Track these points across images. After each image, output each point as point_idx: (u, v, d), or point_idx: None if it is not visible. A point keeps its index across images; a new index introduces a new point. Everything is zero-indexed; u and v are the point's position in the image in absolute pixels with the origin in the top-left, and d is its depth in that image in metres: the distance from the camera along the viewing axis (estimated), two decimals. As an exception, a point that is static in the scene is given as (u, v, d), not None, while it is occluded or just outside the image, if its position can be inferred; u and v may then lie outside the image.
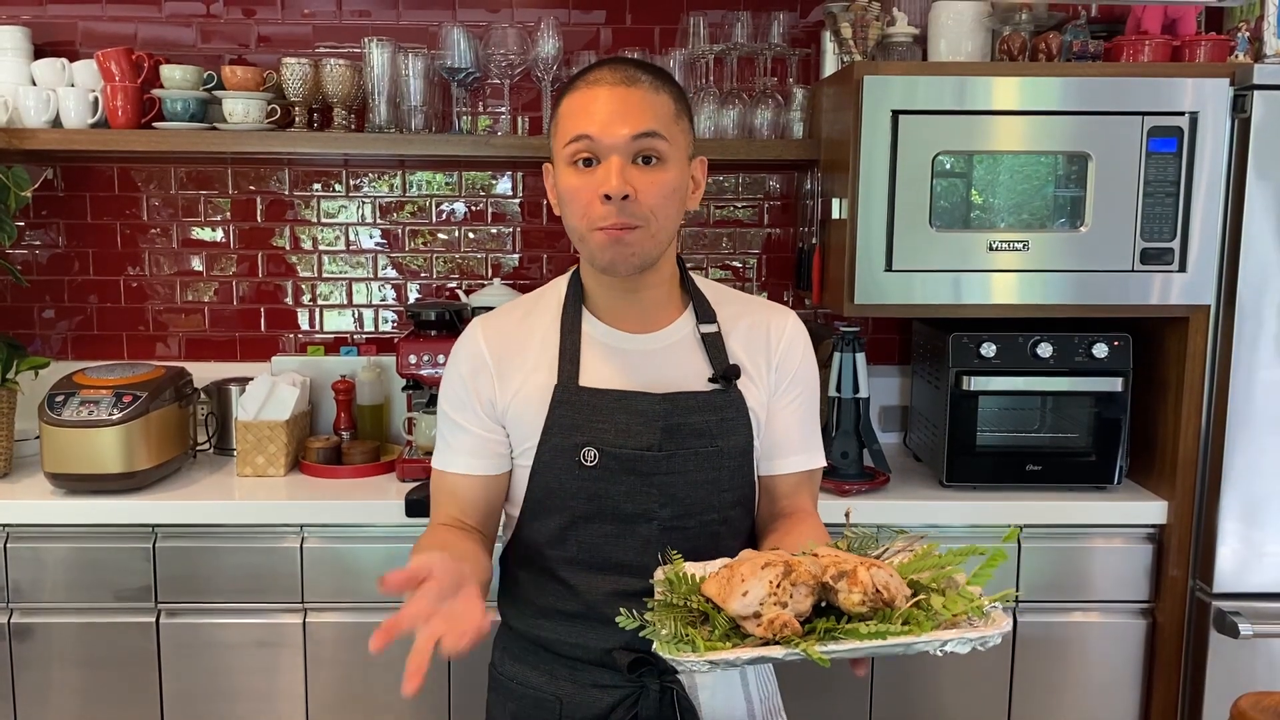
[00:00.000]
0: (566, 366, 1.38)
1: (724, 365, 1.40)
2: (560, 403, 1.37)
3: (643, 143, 1.30)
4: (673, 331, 1.43)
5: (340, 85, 2.44)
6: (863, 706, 2.28)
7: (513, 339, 1.43)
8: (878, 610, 1.09)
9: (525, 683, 1.44)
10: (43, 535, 2.19)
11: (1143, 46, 2.24)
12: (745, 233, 2.81)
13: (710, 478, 1.38)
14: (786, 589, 1.08)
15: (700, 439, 1.37)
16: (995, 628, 1.07)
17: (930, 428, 2.47)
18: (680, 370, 1.40)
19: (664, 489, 1.36)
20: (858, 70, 2.14)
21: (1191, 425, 2.22)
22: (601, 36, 2.71)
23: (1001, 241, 2.18)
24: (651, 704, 1.36)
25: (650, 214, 1.31)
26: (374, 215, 2.77)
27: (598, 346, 1.41)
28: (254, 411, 2.39)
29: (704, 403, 1.38)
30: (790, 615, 1.07)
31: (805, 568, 1.10)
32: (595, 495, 1.35)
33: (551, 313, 1.44)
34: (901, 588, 1.11)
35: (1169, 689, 2.27)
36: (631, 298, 1.41)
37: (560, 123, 1.34)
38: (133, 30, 2.66)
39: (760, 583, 1.09)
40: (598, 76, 1.33)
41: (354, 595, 2.22)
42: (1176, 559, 2.23)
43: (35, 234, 2.72)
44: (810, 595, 1.10)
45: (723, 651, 1.06)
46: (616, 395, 1.37)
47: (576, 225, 1.34)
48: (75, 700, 2.23)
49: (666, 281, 1.43)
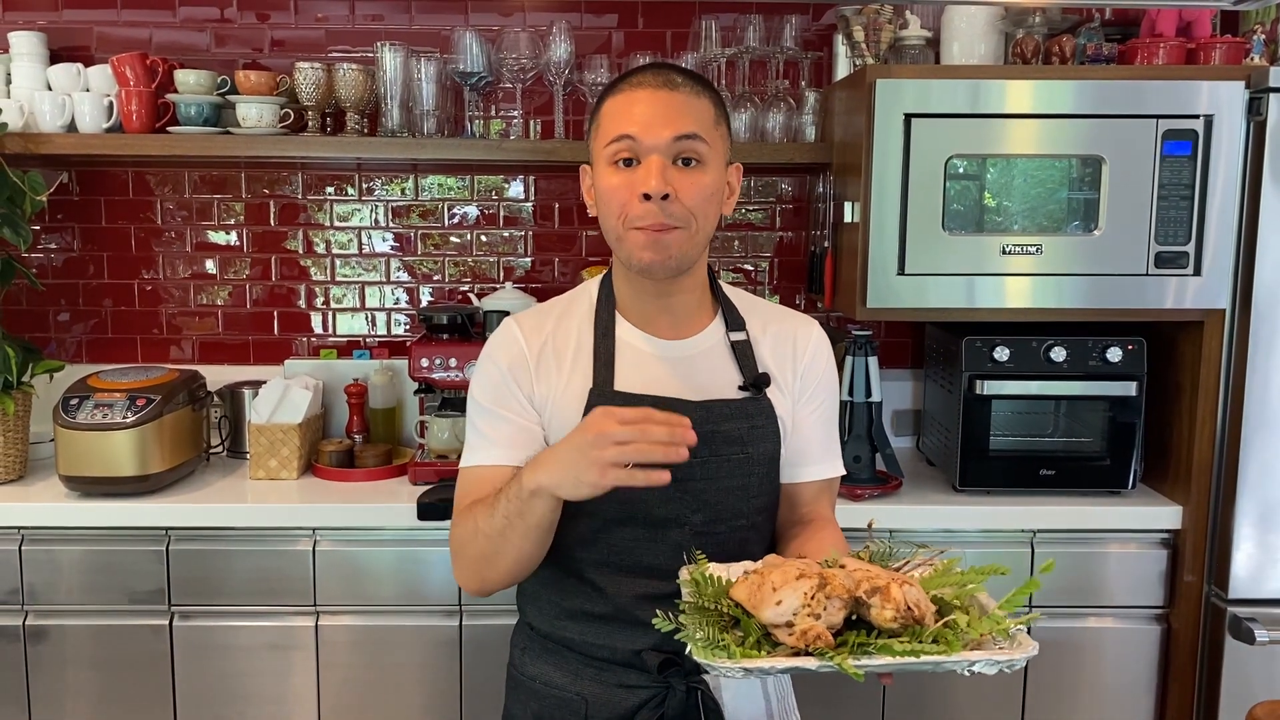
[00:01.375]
0: (601, 370, 1.39)
1: (755, 373, 1.42)
2: (595, 406, 1.36)
3: (683, 144, 1.32)
4: (705, 338, 1.44)
5: (353, 89, 2.45)
6: (875, 711, 2.27)
7: (548, 340, 1.43)
8: (908, 627, 1.10)
9: (549, 683, 1.44)
10: (57, 538, 2.20)
11: (1157, 49, 2.23)
12: (757, 236, 2.81)
13: (741, 484, 1.40)
14: (821, 601, 1.10)
15: (732, 446, 1.39)
16: (1022, 651, 1.10)
17: (943, 432, 2.46)
18: (712, 377, 1.41)
19: (697, 495, 1.37)
20: (870, 73, 2.14)
21: (1206, 430, 2.20)
22: (613, 40, 2.71)
23: (1015, 245, 2.17)
24: (677, 704, 1.36)
25: (690, 215, 1.33)
26: (386, 219, 2.78)
27: (632, 351, 1.41)
28: (267, 415, 2.40)
29: (736, 410, 1.40)
30: (823, 627, 1.09)
31: (840, 581, 1.11)
32: (628, 499, 1.35)
33: (584, 316, 1.44)
34: (929, 605, 1.12)
35: (1183, 695, 2.25)
36: (664, 302, 1.41)
37: (601, 123, 1.36)
38: (147, 35, 2.67)
39: (795, 594, 1.10)
40: (640, 80, 1.35)
41: (366, 598, 2.22)
42: (1191, 564, 2.22)
43: (51, 238, 2.74)
44: (844, 609, 1.11)
45: (759, 660, 1.08)
46: (653, 401, 1.36)
47: (614, 225, 1.35)
48: (89, 702, 2.24)
49: (699, 287, 1.44)
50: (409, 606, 2.22)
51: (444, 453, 2.41)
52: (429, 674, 2.24)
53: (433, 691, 2.24)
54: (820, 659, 1.08)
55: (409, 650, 2.24)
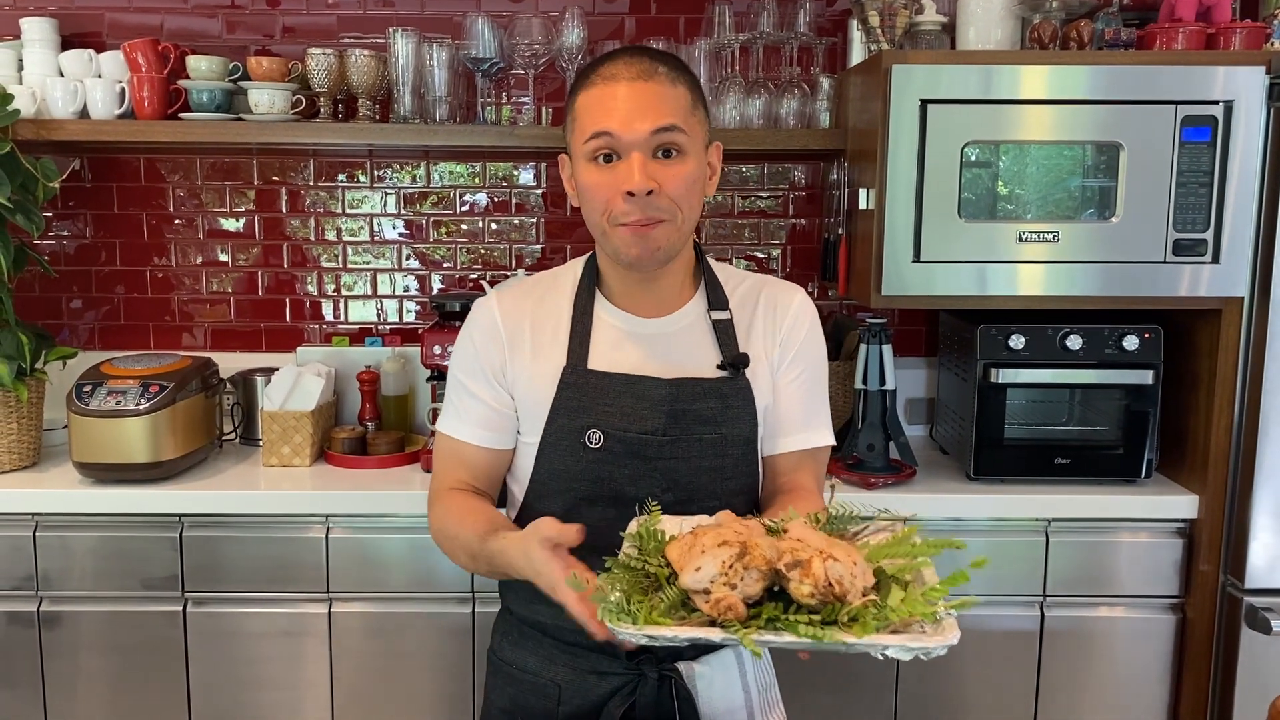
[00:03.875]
0: (576, 349, 1.40)
1: (733, 353, 1.41)
2: (568, 384, 1.39)
3: (662, 137, 1.30)
4: (683, 315, 1.44)
5: (365, 76, 2.44)
6: (888, 700, 2.27)
7: (527, 317, 1.44)
8: (828, 603, 1.06)
9: (524, 668, 1.45)
10: (71, 524, 2.20)
11: (1176, 34, 2.21)
12: (769, 223, 2.79)
13: (713, 464, 1.39)
14: (739, 571, 1.07)
15: (705, 425, 1.38)
16: (942, 639, 1.03)
17: (957, 420, 2.45)
18: (689, 355, 1.42)
19: (667, 474, 1.37)
20: (885, 59, 2.12)
21: (1224, 419, 2.19)
22: (626, 26, 2.69)
23: (1031, 232, 2.16)
24: (649, 692, 1.37)
25: (675, 207, 1.32)
26: (398, 206, 2.77)
27: (609, 330, 1.42)
28: (279, 402, 2.40)
29: (710, 389, 1.39)
30: (738, 598, 1.06)
31: (760, 552, 1.08)
32: (599, 478, 1.37)
33: (566, 294, 1.45)
34: (858, 581, 1.07)
35: (1199, 685, 2.24)
36: (648, 285, 1.42)
37: (578, 118, 1.34)
38: (159, 21, 2.67)
39: (714, 561, 1.07)
40: (613, 71, 1.32)
41: (379, 585, 2.22)
42: (1207, 554, 2.21)
43: (63, 225, 2.74)
44: (761, 580, 1.08)
45: (661, 628, 1.05)
46: (624, 379, 1.38)
47: (598, 220, 1.35)
48: (103, 688, 2.24)
49: (683, 269, 1.45)
50: (422, 593, 2.22)
51: (456, 440, 2.41)
52: (442, 661, 2.24)
53: (445, 678, 2.25)
54: (725, 630, 1.05)
55: (422, 637, 2.24)
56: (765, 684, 1.48)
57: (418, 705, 2.26)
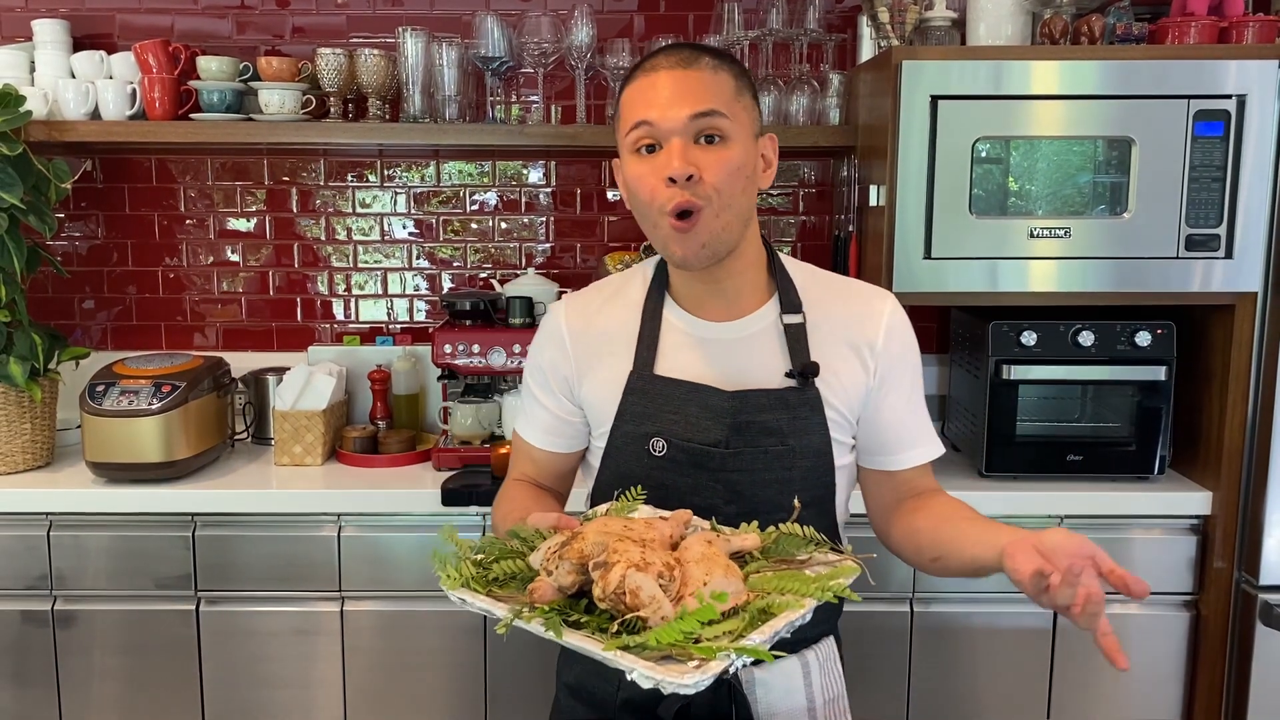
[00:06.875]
0: (643, 353, 1.38)
1: (802, 362, 1.36)
2: (633, 390, 1.37)
3: (702, 122, 1.27)
4: (754, 320, 1.39)
5: (375, 75, 2.45)
6: (901, 697, 2.27)
7: (594, 321, 1.43)
8: (619, 611, 1.04)
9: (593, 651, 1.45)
10: (84, 523, 2.21)
11: (1188, 28, 2.20)
12: (780, 220, 2.79)
13: (780, 477, 1.35)
14: (555, 560, 1.09)
15: (770, 437, 1.34)
16: (680, 676, 0.96)
17: (969, 417, 2.44)
18: (757, 362, 1.37)
19: (730, 486, 1.34)
20: (895, 55, 2.12)
21: (1237, 415, 2.18)
22: (635, 24, 2.69)
23: (1042, 228, 2.15)
24: (706, 692, 1.34)
25: (714, 192, 1.27)
26: (408, 205, 2.78)
27: (677, 334, 1.39)
28: (291, 401, 2.40)
29: (776, 400, 1.35)
30: (551, 585, 1.08)
31: (579, 546, 1.09)
32: (662, 485, 1.34)
33: (635, 297, 1.43)
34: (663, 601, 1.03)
35: (1213, 682, 2.23)
36: (713, 286, 1.38)
37: (621, 113, 1.33)
38: (169, 22, 2.68)
39: (545, 547, 1.12)
40: (655, 63, 1.31)
41: (391, 584, 2.23)
42: (1221, 550, 2.20)
43: (75, 225, 2.75)
44: (573, 573, 1.08)
45: (462, 592, 1.11)
46: (689, 387, 1.35)
47: (646, 213, 1.31)
48: (117, 686, 2.25)
49: (751, 267, 1.39)
50: (434, 592, 2.20)
51: (467, 439, 2.41)
52: (454, 659, 2.24)
53: (457, 677, 2.25)
54: (510, 612, 1.07)
55: (434, 636, 2.24)
56: (834, 694, 1.43)
57: (430, 704, 2.26)
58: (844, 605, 1.32)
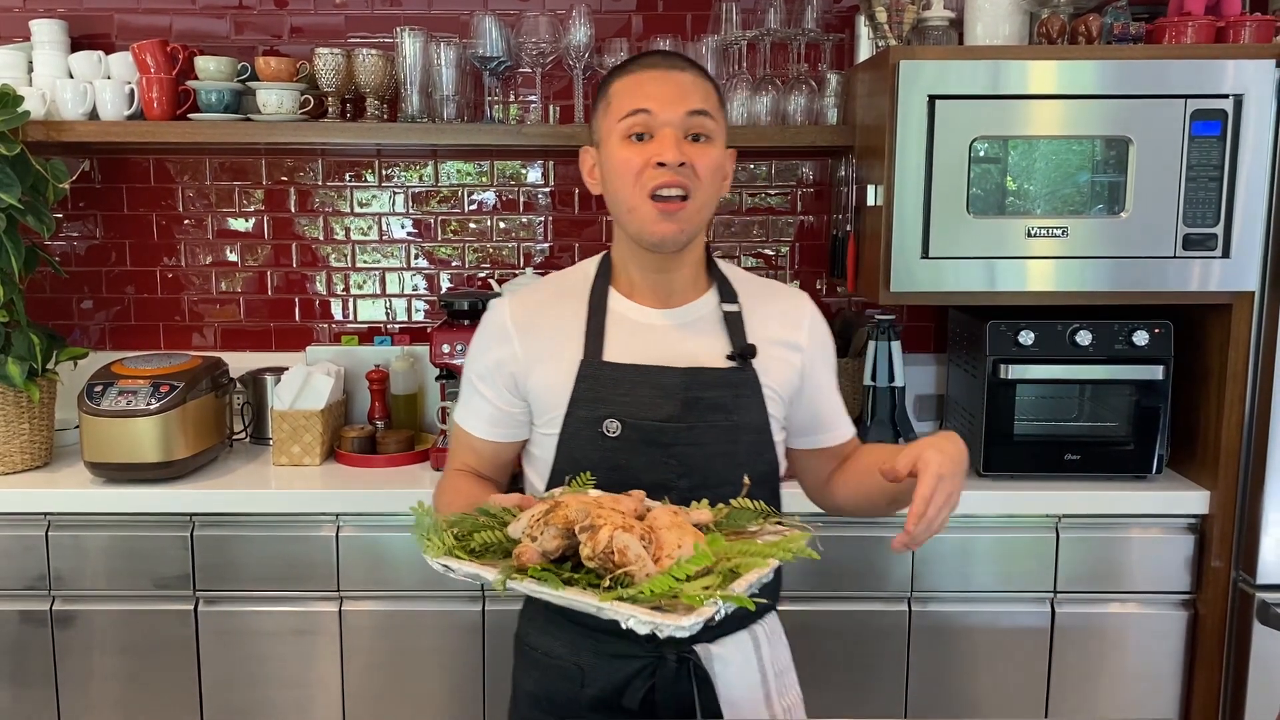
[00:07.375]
0: (592, 342, 1.44)
1: (742, 344, 1.46)
2: (585, 377, 1.43)
3: (695, 120, 1.38)
4: (696, 308, 1.49)
5: (373, 75, 2.44)
6: (899, 692, 2.27)
7: (540, 315, 1.49)
8: (608, 569, 1.11)
9: (549, 653, 1.48)
10: (83, 524, 2.21)
11: (1186, 28, 2.20)
12: (778, 220, 2.79)
13: (726, 450, 1.43)
14: (540, 527, 1.16)
15: (717, 413, 1.43)
16: (677, 619, 1.05)
17: (967, 417, 2.44)
18: (701, 345, 1.46)
19: (683, 460, 1.42)
20: (893, 55, 2.12)
21: (1235, 414, 2.18)
22: (633, 24, 2.69)
23: (1040, 228, 2.15)
24: (669, 674, 1.40)
25: (701, 184, 1.38)
26: (406, 205, 2.78)
27: (623, 322, 1.47)
28: (289, 401, 2.40)
29: (721, 379, 1.44)
30: (536, 549, 1.14)
31: (564, 512, 1.15)
32: (617, 466, 1.40)
33: (580, 290, 1.50)
34: (646, 559, 1.11)
35: (1210, 682, 2.24)
36: (663, 276, 1.47)
37: (612, 101, 1.41)
38: (167, 22, 2.68)
39: (528, 515, 1.19)
40: (649, 62, 1.43)
41: (389, 584, 2.23)
42: (1219, 549, 2.20)
43: (73, 225, 2.75)
44: (558, 538, 1.15)
45: (447, 559, 1.17)
46: (639, 369, 1.43)
47: (626, 196, 1.40)
48: (115, 686, 2.25)
49: (697, 261, 1.50)
50: (432, 592, 2.23)
51: (465, 438, 2.41)
52: (452, 659, 2.25)
53: (456, 676, 2.25)
54: (502, 573, 1.13)
55: (432, 635, 2.24)
56: (783, 665, 1.53)
57: (428, 703, 2.27)
58: (781, 586, 1.56)
